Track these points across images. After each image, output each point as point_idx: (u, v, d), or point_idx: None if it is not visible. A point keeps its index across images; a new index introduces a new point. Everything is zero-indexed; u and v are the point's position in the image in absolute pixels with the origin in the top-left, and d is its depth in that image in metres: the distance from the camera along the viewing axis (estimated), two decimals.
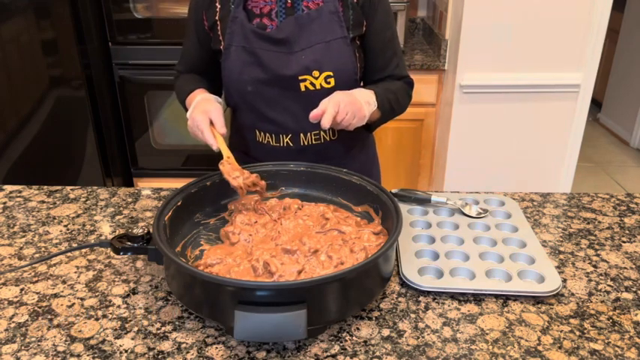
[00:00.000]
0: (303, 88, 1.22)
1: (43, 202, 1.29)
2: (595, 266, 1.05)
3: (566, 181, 2.55)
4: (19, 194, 1.32)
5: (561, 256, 1.08)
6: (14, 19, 2.26)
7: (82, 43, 2.35)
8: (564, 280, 1.00)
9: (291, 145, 1.28)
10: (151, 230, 0.94)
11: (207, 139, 1.12)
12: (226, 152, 1.12)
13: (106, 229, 1.17)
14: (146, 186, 2.03)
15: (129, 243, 0.95)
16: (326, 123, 1.09)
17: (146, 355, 0.82)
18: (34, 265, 1.04)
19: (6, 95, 2.37)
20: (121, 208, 1.26)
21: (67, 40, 2.31)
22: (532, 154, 2.49)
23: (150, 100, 2.54)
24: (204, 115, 1.15)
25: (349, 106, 1.13)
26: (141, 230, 0.95)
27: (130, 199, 1.30)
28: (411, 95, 1.36)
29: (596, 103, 4.51)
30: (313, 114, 1.10)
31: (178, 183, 1.11)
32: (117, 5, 2.37)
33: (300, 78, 1.21)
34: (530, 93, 2.38)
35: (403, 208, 1.20)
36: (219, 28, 1.25)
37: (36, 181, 1.56)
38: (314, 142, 1.28)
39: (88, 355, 0.82)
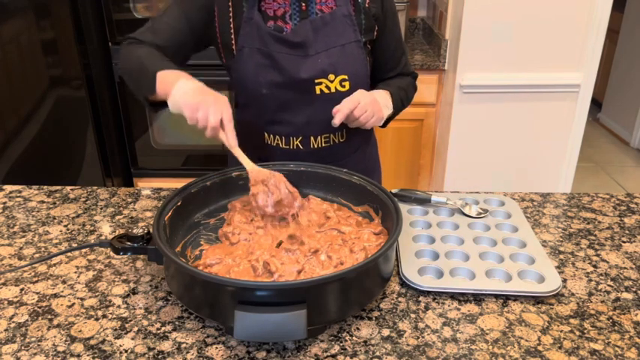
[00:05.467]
0: (318, 92, 1.22)
1: (43, 202, 1.28)
2: (595, 266, 1.05)
3: (566, 181, 2.55)
4: (19, 194, 1.32)
5: (561, 256, 1.08)
6: (14, 19, 2.26)
7: (82, 43, 2.35)
8: (564, 280, 1.00)
9: (301, 147, 1.28)
10: (150, 230, 0.94)
11: (229, 140, 1.04)
12: (249, 164, 1.07)
13: (106, 229, 1.17)
14: (146, 186, 2.02)
15: (129, 243, 0.95)
16: (337, 121, 1.16)
17: (146, 355, 0.82)
18: (34, 265, 1.04)
19: (6, 95, 2.37)
20: (121, 208, 1.26)
21: (67, 40, 2.31)
22: (532, 154, 2.49)
23: None
24: (220, 114, 1.02)
25: (369, 105, 1.19)
26: (141, 230, 0.95)
27: (130, 199, 1.30)
28: (416, 87, 1.43)
29: (596, 103, 4.51)
30: (335, 109, 1.16)
31: (178, 183, 1.11)
32: (117, 5, 2.37)
33: (316, 81, 1.21)
34: (530, 93, 2.38)
35: (403, 208, 1.20)
36: (231, 27, 1.22)
37: (36, 181, 1.56)
38: (324, 144, 1.28)
39: (88, 355, 0.82)
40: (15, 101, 2.39)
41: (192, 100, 1.02)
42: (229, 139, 1.04)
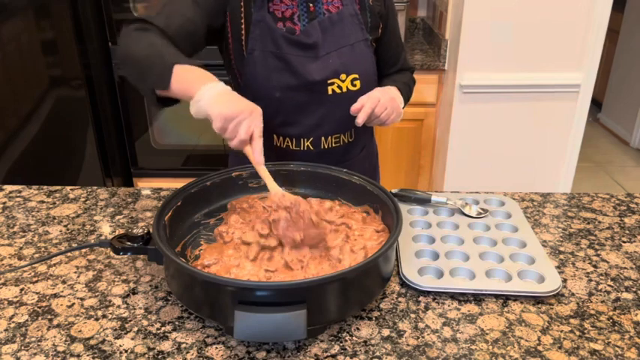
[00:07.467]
0: (330, 92, 1.22)
1: (42, 202, 1.28)
2: (595, 266, 1.05)
3: (566, 181, 2.55)
4: (18, 194, 1.32)
5: (561, 256, 1.08)
6: (14, 19, 2.26)
7: (82, 43, 2.35)
8: (564, 280, 1.00)
9: (312, 148, 1.27)
10: (150, 230, 0.94)
11: (255, 157, 0.99)
12: (275, 187, 1.00)
13: (106, 229, 1.17)
14: (146, 186, 2.02)
15: (129, 243, 0.95)
16: (360, 120, 1.15)
17: (146, 355, 0.82)
18: (34, 265, 1.04)
19: (6, 95, 2.37)
20: (121, 208, 1.26)
21: (67, 40, 2.31)
22: (532, 154, 2.49)
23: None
24: (252, 128, 0.97)
25: (389, 102, 1.20)
26: (141, 230, 0.95)
27: (130, 199, 1.30)
28: (415, 80, 1.45)
29: (596, 103, 4.51)
30: (354, 107, 1.16)
31: (178, 183, 1.11)
32: (117, 5, 2.37)
33: (329, 82, 1.21)
34: (530, 93, 2.38)
35: (403, 208, 1.20)
36: (242, 28, 1.20)
37: (36, 181, 1.56)
38: (334, 144, 1.28)
39: (88, 355, 0.82)
40: (15, 101, 2.39)
41: (227, 110, 0.94)
42: (256, 156, 0.98)
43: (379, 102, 1.17)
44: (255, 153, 0.98)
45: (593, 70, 2.34)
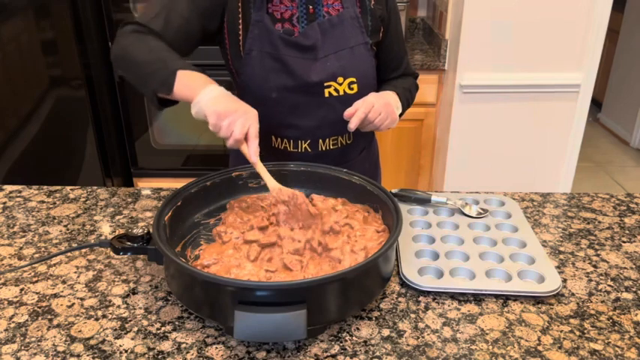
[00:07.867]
0: (327, 94, 1.21)
1: (42, 202, 1.28)
2: (595, 266, 1.05)
3: (566, 181, 2.55)
4: (19, 194, 1.32)
5: (561, 256, 1.08)
6: (14, 19, 2.26)
7: (82, 43, 2.35)
8: (564, 280, 1.00)
9: (310, 150, 1.27)
10: (150, 230, 0.94)
11: (251, 156, 1.02)
12: (272, 182, 1.05)
13: (106, 229, 1.17)
14: (146, 186, 2.02)
15: (129, 243, 0.95)
16: (352, 125, 1.15)
17: (146, 355, 0.82)
18: (34, 265, 1.04)
19: (6, 95, 2.37)
20: (121, 208, 1.26)
21: (66, 40, 2.31)
22: (532, 154, 2.49)
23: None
24: (247, 127, 1.01)
25: (383, 107, 1.19)
26: (141, 230, 0.95)
27: (130, 199, 1.30)
28: (418, 86, 1.44)
29: (596, 103, 4.51)
30: (348, 112, 1.15)
31: (178, 183, 1.11)
32: (117, 5, 2.37)
33: (326, 84, 1.20)
34: (530, 93, 2.38)
35: (403, 208, 1.20)
36: (240, 28, 1.21)
37: (36, 181, 1.56)
38: (332, 147, 1.28)
39: (88, 355, 0.82)
40: (15, 101, 2.39)
41: (222, 108, 0.99)
42: (251, 156, 1.02)
43: (373, 107, 1.16)
44: (251, 152, 1.02)
45: (593, 70, 2.34)
